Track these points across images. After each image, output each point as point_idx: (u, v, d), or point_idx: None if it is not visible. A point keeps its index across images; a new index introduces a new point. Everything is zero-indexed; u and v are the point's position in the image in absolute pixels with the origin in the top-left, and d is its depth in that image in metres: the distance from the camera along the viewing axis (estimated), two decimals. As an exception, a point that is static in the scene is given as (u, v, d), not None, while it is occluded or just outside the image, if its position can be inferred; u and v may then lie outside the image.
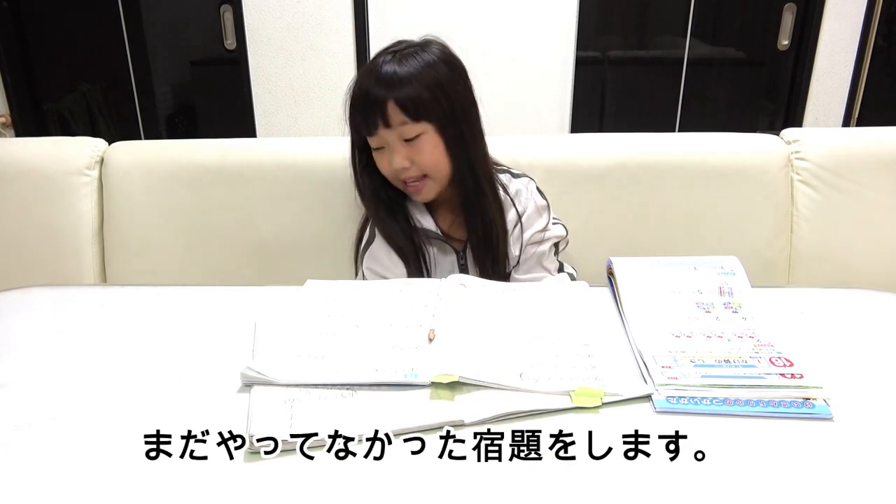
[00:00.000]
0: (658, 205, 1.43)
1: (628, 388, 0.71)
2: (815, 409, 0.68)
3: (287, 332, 0.82)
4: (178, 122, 2.62)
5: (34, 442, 0.65)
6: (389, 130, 1.05)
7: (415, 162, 1.06)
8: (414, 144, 1.05)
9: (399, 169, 1.07)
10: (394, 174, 1.09)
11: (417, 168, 1.07)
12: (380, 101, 1.03)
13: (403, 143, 1.06)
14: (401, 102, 1.02)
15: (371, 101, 1.04)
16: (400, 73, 1.03)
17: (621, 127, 1.54)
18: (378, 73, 1.04)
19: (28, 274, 1.44)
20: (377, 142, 1.08)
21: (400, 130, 1.04)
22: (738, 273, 0.90)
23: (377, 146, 1.08)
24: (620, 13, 2.48)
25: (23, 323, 0.91)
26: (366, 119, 1.05)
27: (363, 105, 1.05)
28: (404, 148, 1.06)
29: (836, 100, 2.36)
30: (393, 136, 1.05)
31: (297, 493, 0.59)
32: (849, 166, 1.42)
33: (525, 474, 0.61)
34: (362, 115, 1.06)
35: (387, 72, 1.03)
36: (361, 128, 1.07)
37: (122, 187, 1.44)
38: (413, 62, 1.04)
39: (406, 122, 1.04)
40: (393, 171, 1.08)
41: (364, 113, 1.05)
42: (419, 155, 1.06)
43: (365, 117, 1.05)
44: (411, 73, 1.03)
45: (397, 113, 1.03)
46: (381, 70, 1.04)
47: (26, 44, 2.41)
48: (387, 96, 1.03)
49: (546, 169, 1.41)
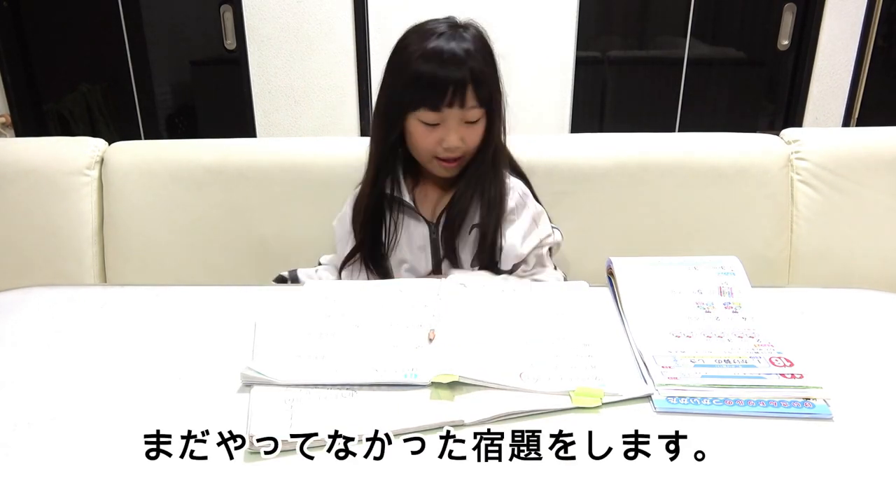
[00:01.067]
0: (658, 205, 1.43)
1: (628, 388, 0.71)
2: (815, 409, 0.68)
3: (287, 332, 0.82)
4: (178, 122, 2.61)
5: (34, 442, 0.65)
6: (457, 110, 1.05)
7: (464, 142, 1.08)
8: (471, 127, 1.07)
9: (451, 147, 1.07)
10: (435, 151, 1.08)
11: (464, 149, 1.08)
12: (461, 76, 1.03)
13: (462, 124, 1.06)
14: (476, 82, 1.04)
15: (451, 76, 1.03)
16: (472, 50, 1.04)
17: (621, 127, 1.54)
18: (452, 48, 1.03)
19: (28, 274, 1.44)
20: (435, 118, 1.06)
21: (466, 113, 1.05)
22: (738, 273, 0.90)
23: (433, 122, 1.06)
24: (620, 13, 2.48)
25: (23, 323, 0.91)
26: (440, 94, 1.03)
27: (442, 79, 1.03)
28: (462, 128, 1.07)
29: (836, 100, 2.36)
30: (457, 116, 1.05)
31: (297, 493, 0.59)
32: (849, 166, 1.42)
33: (525, 474, 0.61)
34: (437, 90, 1.03)
35: (462, 46, 1.03)
36: (428, 102, 1.04)
37: (122, 187, 1.44)
38: (473, 40, 1.05)
39: (475, 107, 1.05)
40: (440, 148, 1.07)
41: (440, 88, 1.03)
42: (471, 137, 1.08)
43: (440, 92, 1.03)
44: (479, 51, 1.05)
45: (472, 97, 1.04)
46: (453, 45, 1.03)
47: (26, 44, 2.41)
48: (467, 73, 1.03)
49: (546, 169, 1.41)
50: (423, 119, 1.06)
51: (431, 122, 1.06)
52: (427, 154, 1.10)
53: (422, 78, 1.03)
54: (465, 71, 1.03)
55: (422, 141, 1.08)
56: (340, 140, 1.50)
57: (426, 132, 1.07)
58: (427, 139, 1.08)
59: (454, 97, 1.03)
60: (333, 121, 2.36)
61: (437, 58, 1.03)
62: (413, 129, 1.08)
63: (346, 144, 1.46)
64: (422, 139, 1.08)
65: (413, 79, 1.04)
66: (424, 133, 1.07)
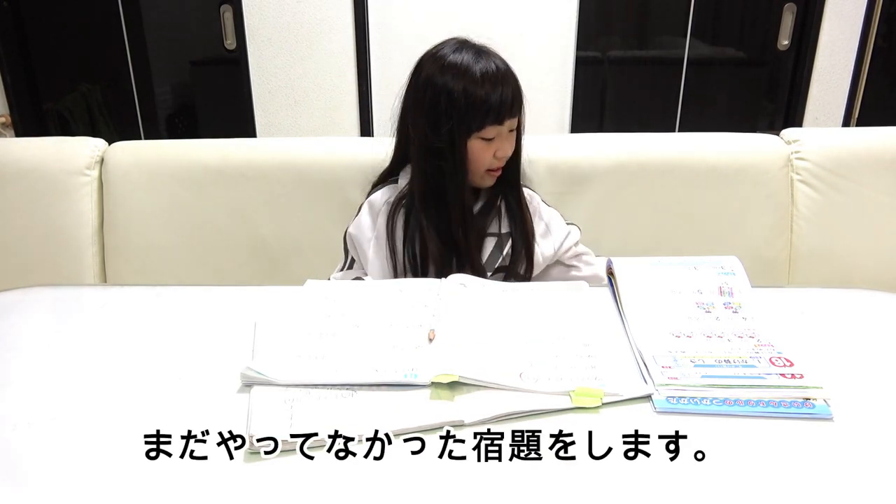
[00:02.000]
0: (658, 205, 1.43)
1: (628, 388, 0.71)
2: (815, 409, 0.68)
3: (287, 332, 0.82)
4: (178, 122, 2.61)
5: (34, 442, 0.65)
6: (510, 120, 1.11)
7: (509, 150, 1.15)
8: (513, 134, 1.15)
9: (506, 156, 1.14)
10: (491, 163, 1.14)
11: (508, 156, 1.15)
12: (515, 90, 1.10)
13: (509, 133, 1.14)
14: (518, 95, 1.12)
15: (508, 91, 1.09)
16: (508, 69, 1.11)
17: (621, 127, 1.54)
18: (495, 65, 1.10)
19: (28, 274, 1.44)
20: (493, 132, 1.11)
21: (513, 122, 1.13)
22: (738, 273, 0.90)
23: (491, 136, 1.11)
24: (620, 13, 2.48)
25: (23, 323, 0.91)
26: (503, 109, 1.09)
27: (503, 97, 1.09)
28: (511, 136, 1.14)
29: (836, 100, 2.36)
30: (506, 127, 1.12)
31: (297, 493, 0.59)
32: (849, 166, 1.42)
33: (525, 474, 0.60)
34: (501, 106, 1.09)
35: (499, 64, 1.10)
36: (492, 118, 1.09)
37: (122, 187, 1.44)
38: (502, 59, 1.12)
39: (517, 115, 1.13)
40: (494, 159, 1.13)
41: (503, 104, 1.09)
42: (513, 144, 1.15)
43: (502, 107, 1.09)
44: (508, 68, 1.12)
45: (518, 105, 1.12)
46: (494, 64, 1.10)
47: (26, 44, 2.41)
48: (514, 89, 1.10)
49: (546, 169, 1.41)
50: (486, 136, 1.11)
51: (491, 137, 1.12)
52: (483, 168, 1.15)
53: (487, 99, 1.08)
54: (510, 83, 1.10)
55: (482, 156, 1.13)
56: (340, 140, 1.51)
57: (485, 147, 1.12)
58: (486, 153, 1.13)
59: (513, 108, 1.11)
60: (333, 121, 2.36)
61: (492, 78, 1.09)
62: (473, 147, 1.12)
63: (346, 144, 1.47)
64: (482, 154, 1.13)
65: (475, 103, 1.08)
66: (484, 148, 1.12)
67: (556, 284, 0.97)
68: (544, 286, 0.99)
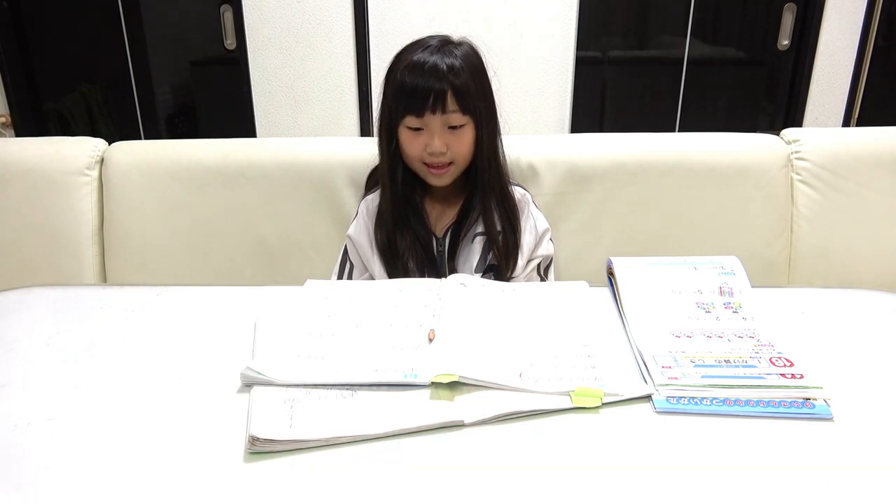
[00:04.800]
0: (658, 205, 1.43)
1: (628, 388, 0.71)
2: (815, 409, 0.68)
3: (287, 332, 0.82)
4: (178, 122, 2.61)
5: (34, 442, 0.65)
6: (439, 116, 1.10)
7: (450, 149, 1.13)
8: (455, 133, 1.13)
9: (435, 153, 1.12)
10: (422, 156, 1.13)
11: (450, 155, 1.14)
12: (441, 86, 1.09)
13: (446, 130, 1.12)
14: (457, 92, 1.09)
15: (432, 85, 1.09)
16: (457, 65, 1.10)
17: (621, 127, 1.54)
18: (434, 61, 1.09)
19: (28, 274, 1.44)
20: (419, 123, 1.11)
21: (448, 118, 1.11)
22: (739, 273, 0.90)
23: (416, 126, 1.12)
24: (620, 13, 2.47)
25: (23, 323, 0.91)
26: (422, 101, 1.09)
27: (423, 88, 1.09)
28: (445, 134, 1.12)
29: (836, 100, 2.36)
30: (438, 122, 1.11)
31: (297, 493, 0.59)
32: (849, 166, 1.42)
33: (525, 474, 0.60)
34: (418, 97, 1.09)
35: (446, 62, 1.09)
36: (411, 108, 1.10)
37: (122, 187, 1.44)
38: (462, 57, 1.11)
39: (456, 111, 1.11)
40: (426, 153, 1.13)
41: (421, 95, 1.09)
42: (457, 144, 1.13)
43: (422, 99, 1.09)
44: (466, 66, 1.11)
45: (453, 101, 1.10)
46: (437, 58, 1.09)
47: (26, 44, 2.41)
48: (447, 84, 1.09)
49: (546, 169, 1.41)
50: (409, 125, 1.12)
51: (415, 127, 1.12)
52: (416, 160, 1.15)
53: (405, 86, 1.10)
54: (444, 83, 1.09)
55: (409, 146, 1.14)
56: (340, 140, 1.51)
57: (412, 137, 1.13)
58: (413, 144, 1.13)
59: (435, 103, 1.09)
60: (333, 121, 2.36)
61: (420, 69, 1.09)
62: (402, 136, 1.14)
63: (346, 144, 1.47)
64: (408, 144, 1.14)
65: (399, 88, 1.11)
66: (411, 138, 1.13)
67: (556, 284, 0.97)
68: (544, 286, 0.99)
